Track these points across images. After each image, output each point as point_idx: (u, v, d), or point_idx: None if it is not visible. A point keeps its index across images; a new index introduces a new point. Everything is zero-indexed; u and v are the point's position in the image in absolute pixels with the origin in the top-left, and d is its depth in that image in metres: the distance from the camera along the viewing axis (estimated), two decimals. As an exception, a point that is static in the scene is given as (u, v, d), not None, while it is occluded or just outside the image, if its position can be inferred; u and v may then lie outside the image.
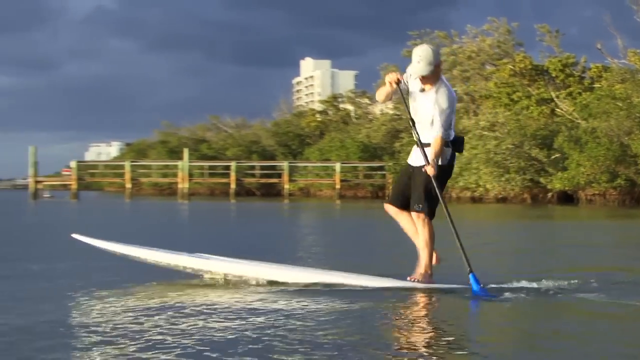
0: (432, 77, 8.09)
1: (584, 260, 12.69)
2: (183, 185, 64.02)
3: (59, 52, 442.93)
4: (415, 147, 8.38)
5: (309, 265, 10.20)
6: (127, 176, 67.61)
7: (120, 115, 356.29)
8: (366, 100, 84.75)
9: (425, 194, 8.22)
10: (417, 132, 8.27)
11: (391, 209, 8.65)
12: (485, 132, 53.33)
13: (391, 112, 72.63)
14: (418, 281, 8.30)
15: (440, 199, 8.24)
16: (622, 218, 30.46)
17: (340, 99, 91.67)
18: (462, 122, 58.13)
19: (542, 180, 50.97)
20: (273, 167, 71.18)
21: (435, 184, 8.29)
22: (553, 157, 50.20)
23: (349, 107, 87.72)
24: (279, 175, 68.32)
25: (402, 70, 8.35)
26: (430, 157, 8.09)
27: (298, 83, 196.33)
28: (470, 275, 8.25)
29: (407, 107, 8.33)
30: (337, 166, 65.97)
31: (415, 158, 8.36)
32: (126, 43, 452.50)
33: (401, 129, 65.86)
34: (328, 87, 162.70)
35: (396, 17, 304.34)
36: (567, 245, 16.92)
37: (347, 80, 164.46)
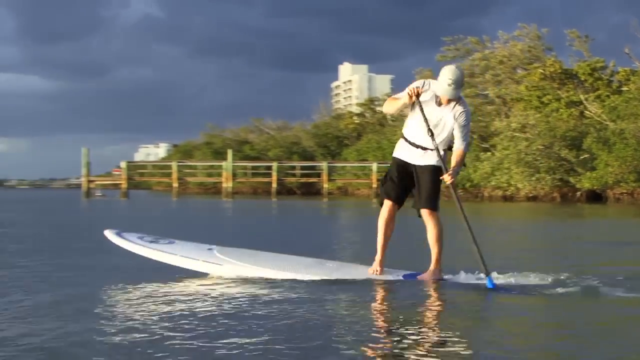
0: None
1: (612, 256, 12.51)
2: (227, 184, 64.28)
3: (110, 58, 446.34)
4: (407, 144, 8.32)
5: (344, 259, 10.10)
6: (174, 176, 67.95)
7: (167, 118, 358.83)
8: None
9: (437, 192, 8.23)
10: (434, 142, 8.11)
11: (390, 206, 8.37)
12: (517, 134, 53.21)
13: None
14: (436, 278, 8.24)
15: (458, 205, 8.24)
16: None
17: (376, 102, 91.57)
18: (494, 124, 58.16)
19: (571, 179, 50.81)
20: (313, 167, 71.47)
21: (453, 193, 8.36)
22: (582, 157, 50.03)
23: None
24: (319, 175, 68.56)
25: (435, 75, 8.32)
26: (453, 167, 8.10)
27: (337, 87, 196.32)
28: (488, 279, 8.09)
29: (426, 119, 8.10)
30: (374, 166, 65.98)
31: (416, 157, 8.26)
32: (172, 49, 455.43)
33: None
34: (365, 91, 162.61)
35: (430, 23, 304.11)
36: (596, 242, 16.67)
37: (383, 84, 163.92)
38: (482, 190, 57.70)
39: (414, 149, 8.22)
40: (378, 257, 8.34)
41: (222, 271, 8.61)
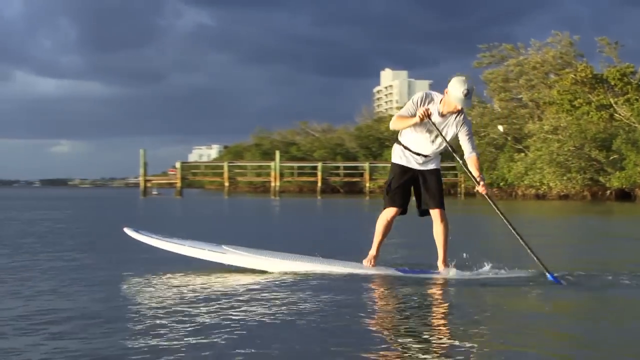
0: None
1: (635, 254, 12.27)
2: (275, 183, 64.56)
3: (165, 65, 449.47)
4: (408, 152, 8.18)
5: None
6: (225, 175, 68.39)
7: (219, 121, 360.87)
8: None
9: (443, 192, 8.29)
10: (452, 151, 8.10)
11: (395, 212, 8.27)
12: (549, 136, 53.06)
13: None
14: (442, 271, 8.14)
15: (496, 204, 8.25)
16: None
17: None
18: (527, 126, 58.02)
19: (601, 179, 50.60)
20: (355, 168, 71.62)
21: (490, 201, 8.40)
22: (611, 157, 49.76)
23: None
24: (361, 175, 68.70)
25: (476, 79, 8.10)
26: (479, 175, 8.06)
27: (378, 92, 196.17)
28: (549, 276, 7.85)
29: (440, 133, 7.93)
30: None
31: (419, 163, 8.16)
32: (223, 56, 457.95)
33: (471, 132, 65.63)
34: (405, 95, 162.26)
35: (466, 32, 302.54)
36: (623, 238, 16.51)
37: (422, 88, 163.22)
38: (516, 189, 57.63)
39: (416, 156, 8.11)
40: (373, 252, 8.31)
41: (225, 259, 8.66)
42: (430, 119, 7.83)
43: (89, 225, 19.98)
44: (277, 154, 69.21)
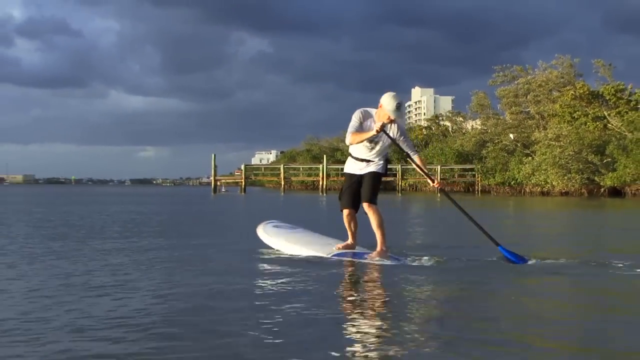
0: None
1: (625, 241, 11.69)
2: (323, 182, 65.21)
3: (231, 85, 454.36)
4: (353, 160, 8.01)
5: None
6: (282, 175, 68.96)
7: (276, 131, 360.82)
8: (460, 119, 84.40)
9: (375, 190, 7.91)
10: (411, 158, 7.99)
11: (348, 212, 7.96)
12: (552, 142, 52.93)
13: (479, 127, 72.34)
14: (383, 258, 7.55)
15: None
16: None
17: (440, 118, 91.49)
18: (534, 135, 57.86)
19: (596, 178, 50.35)
20: (390, 169, 71.61)
21: (445, 194, 8.55)
22: (605, 161, 49.52)
23: (447, 123, 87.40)
24: (395, 175, 68.98)
25: (491, 95, 7.83)
26: (428, 173, 8.08)
27: (409, 106, 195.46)
28: (499, 248, 7.60)
29: (394, 140, 7.74)
30: (438, 168, 66.14)
31: (361, 168, 7.96)
32: (279, 77, 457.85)
33: (487, 140, 65.50)
34: (432, 109, 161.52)
35: (482, 55, 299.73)
36: (613, 228, 16.21)
37: (446, 103, 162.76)
38: (524, 187, 57.49)
39: (359, 162, 7.97)
40: (349, 241, 8.02)
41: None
42: (384, 131, 7.61)
43: (184, 215, 20.80)
44: (325, 158, 69.86)
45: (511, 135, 61.65)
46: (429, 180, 8.19)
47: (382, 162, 8.02)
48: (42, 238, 10.48)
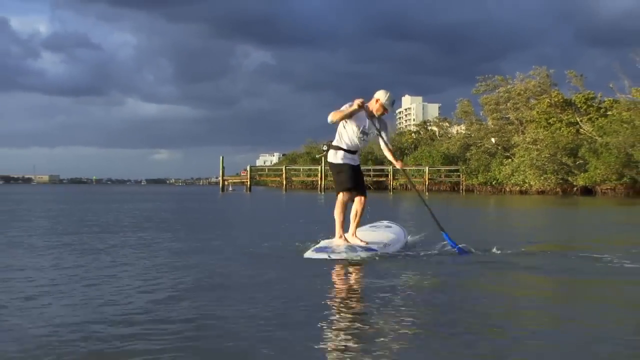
0: None
1: (599, 233, 11.64)
2: (321, 182, 65.31)
3: (237, 93, 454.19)
4: (348, 154, 7.84)
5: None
6: (284, 176, 69.06)
7: (278, 135, 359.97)
8: (446, 124, 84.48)
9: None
10: (385, 145, 7.98)
11: (347, 195, 7.80)
12: (530, 146, 53.10)
13: (463, 132, 72.46)
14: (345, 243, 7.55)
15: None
16: (627, 205, 29.45)
17: (428, 123, 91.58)
18: (513, 139, 57.99)
19: (569, 178, 50.52)
20: (382, 170, 71.85)
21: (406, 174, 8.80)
22: (577, 162, 49.66)
23: (435, 128, 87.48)
24: (387, 176, 69.11)
25: (474, 103, 7.77)
26: (392, 157, 8.00)
27: (399, 112, 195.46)
28: (444, 235, 7.65)
29: (378, 130, 7.79)
30: (426, 169, 66.36)
31: (355, 160, 7.95)
32: (282, 86, 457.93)
33: (470, 143, 65.60)
34: (420, 115, 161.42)
35: (465, 66, 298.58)
36: (584, 224, 16.16)
37: (433, 110, 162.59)
38: (504, 187, 57.66)
39: (353, 154, 7.87)
40: (340, 233, 7.69)
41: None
42: (363, 107, 7.59)
43: (199, 211, 20.97)
44: (323, 160, 69.62)
45: (493, 139, 61.78)
46: (394, 162, 8.03)
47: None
48: (56, 232, 10.48)
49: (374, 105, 7.69)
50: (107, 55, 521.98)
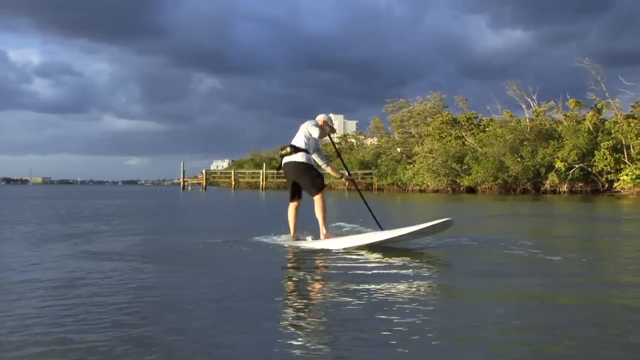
0: None
1: (481, 224, 11.43)
2: (262, 183, 64.75)
3: (193, 111, 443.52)
4: (308, 154, 7.48)
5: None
6: (232, 178, 68.36)
7: (227, 145, 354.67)
8: (362, 137, 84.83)
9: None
10: (340, 157, 8.11)
11: (296, 205, 7.41)
12: (427, 154, 53.56)
13: (375, 143, 72.92)
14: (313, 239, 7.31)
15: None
16: (499, 201, 29.99)
17: (348, 136, 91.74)
18: (414, 149, 58.50)
19: (457, 180, 51.26)
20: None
21: (353, 183, 8.52)
22: (463, 167, 50.49)
23: (353, 140, 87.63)
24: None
25: (384, 120, 7.70)
26: (337, 174, 7.97)
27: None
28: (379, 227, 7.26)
29: (334, 143, 7.78)
30: (345, 172, 66.24)
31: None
32: (229, 106, 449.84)
33: (381, 152, 65.96)
34: (341, 130, 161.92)
35: (375, 91, 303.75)
36: (468, 216, 15.86)
37: (352, 125, 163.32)
38: (408, 186, 58.19)
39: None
40: (324, 231, 7.24)
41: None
42: (330, 137, 7.56)
43: (168, 203, 20.34)
44: (264, 165, 69.27)
45: (398, 149, 62.46)
46: (341, 177, 7.96)
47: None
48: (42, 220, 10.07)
49: (324, 127, 7.56)
50: (88, 80, 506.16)
